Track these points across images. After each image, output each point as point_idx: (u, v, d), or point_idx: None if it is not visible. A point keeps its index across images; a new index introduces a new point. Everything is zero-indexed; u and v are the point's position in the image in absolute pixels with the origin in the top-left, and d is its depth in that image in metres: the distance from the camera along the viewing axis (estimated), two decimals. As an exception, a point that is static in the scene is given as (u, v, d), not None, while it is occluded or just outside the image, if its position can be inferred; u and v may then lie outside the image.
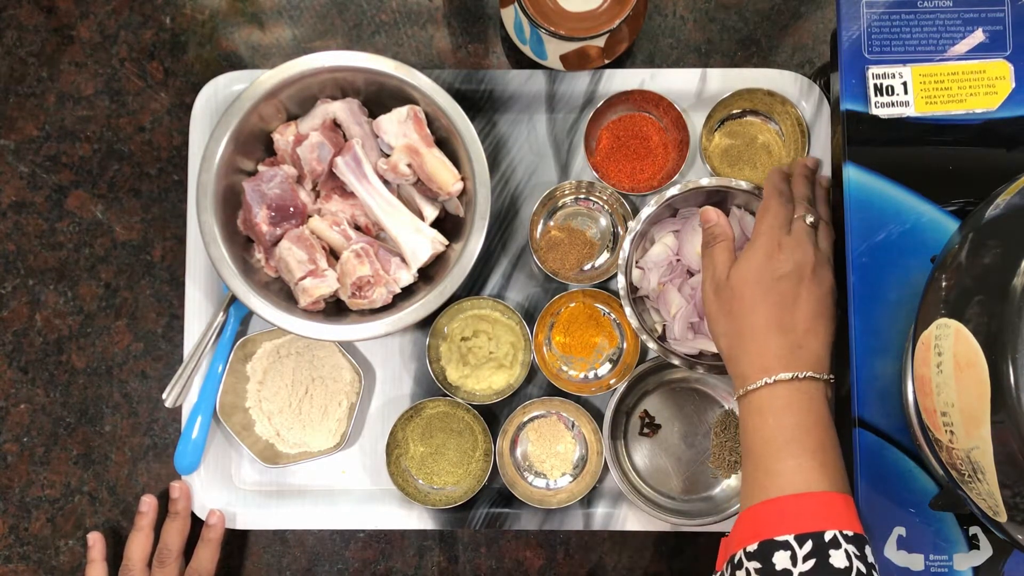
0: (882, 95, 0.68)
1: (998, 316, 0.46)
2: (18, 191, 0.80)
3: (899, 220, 0.66)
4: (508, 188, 0.79)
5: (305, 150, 0.72)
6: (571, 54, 0.75)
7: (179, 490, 0.76)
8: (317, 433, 0.77)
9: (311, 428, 0.77)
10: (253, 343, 0.76)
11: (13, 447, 0.78)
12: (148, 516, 0.75)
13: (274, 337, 0.77)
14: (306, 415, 0.77)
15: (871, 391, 0.66)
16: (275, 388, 0.77)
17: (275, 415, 0.77)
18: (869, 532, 0.65)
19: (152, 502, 0.75)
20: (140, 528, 0.74)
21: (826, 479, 0.56)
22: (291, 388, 0.77)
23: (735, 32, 0.81)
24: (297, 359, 0.77)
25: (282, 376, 0.77)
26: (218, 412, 0.75)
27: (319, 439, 0.77)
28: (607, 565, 0.78)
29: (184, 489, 0.76)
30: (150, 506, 0.75)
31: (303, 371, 0.77)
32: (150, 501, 0.75)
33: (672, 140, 0.78)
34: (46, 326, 0.79)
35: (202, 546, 0.75)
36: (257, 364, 0.77)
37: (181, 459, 0.75)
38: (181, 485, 0.76)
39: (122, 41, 0.81)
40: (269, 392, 0.77)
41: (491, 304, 0.76)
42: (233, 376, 0.76)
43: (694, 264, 0.75)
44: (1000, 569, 0.64)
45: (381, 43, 0.81)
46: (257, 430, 0.77)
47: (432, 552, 0.79)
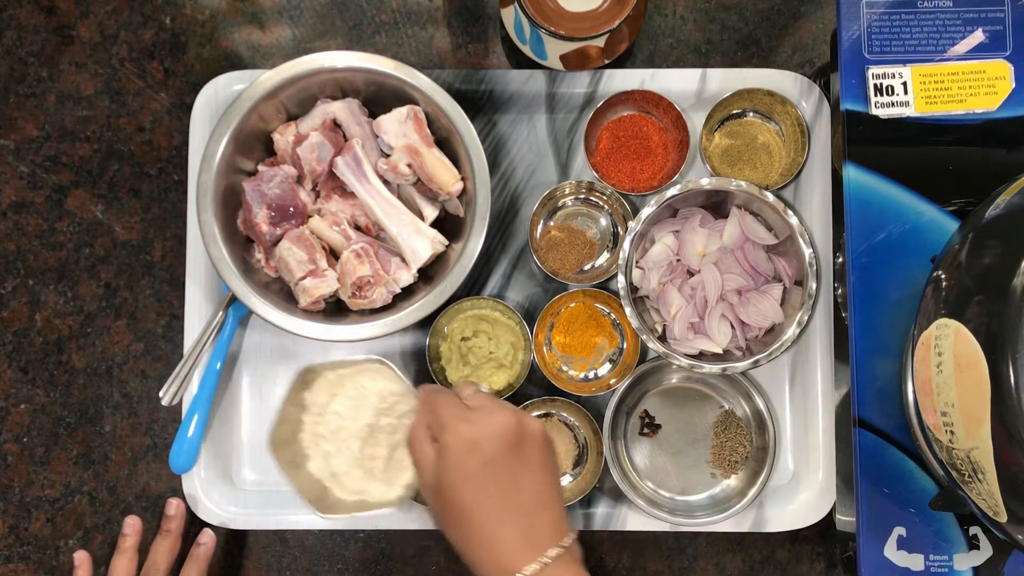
0: (882, 95, 0.68)
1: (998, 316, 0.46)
2: (18, 191, 0.80)
3: (899, 220, 0.66)
4: (508, 188, 0.79)
5: (305, 150, 0.72)
6: (571, 54, 0.75)
7: (176, 508, 0.75)
8: (378, 481, 0.67)
9: (372, 476, 0.67)
10: (313, 372, 0.68)
11: (13, 447, 0.78)
12: (132, 538, 0.74)
13: (339, 368, 0.68)
14: (368, 459, 0.67)
15: (871, 391, 0.66)
16: (336, 424, 0.67)
17: (333, 456, 0.67)
18: (869, 532, 0.65)
19: (136, 524, 0.75)
20: (123, 551, 0.74)
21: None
22: (354, 425, 0.67)
23: (735, 32, 0.81)
24: (363, 393, 0.68)
25: (345, 411, 0.68)
26: (270, 445, 0.66)
27: (380, 488, 0.67)
28: (607, 565, 0.78)
29: (181, 508, 0.75)
30: (133, 528, 0.75)
31: (369, 408, 0.67)
32: (134, 523, 0.75)
33: (672, 140, 0.78)
34: (46, 326, 0.79)
35: (191, 563, 0.74)
36: (318, 394, 0.68)
37: (176, 458, 0.75)
38: (179, 504, 0.75)
39: (122, 41, 0.81)
40: (328, 428, 0.68)
41: (491, 304, 0.76)
42: (292, 405, 0.68)
43: (694, 264, 0.75)
44: (1000, 569, 0.64)
45: (381, 43, 0.81)
46: (310, 467, 0.68)
47: (432, 552, 0.79)
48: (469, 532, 0.54)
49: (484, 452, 0.54)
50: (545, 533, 0.54)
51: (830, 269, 0.74)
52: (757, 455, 0.75)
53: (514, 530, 0.53)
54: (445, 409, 0.57)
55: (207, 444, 0.77)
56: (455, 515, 0.55)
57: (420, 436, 0.58)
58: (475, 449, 0.54)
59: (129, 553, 0.73)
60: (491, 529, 0.53)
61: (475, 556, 0.54)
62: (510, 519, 0.53)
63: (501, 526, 0.53)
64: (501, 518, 0.53)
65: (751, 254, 0.75)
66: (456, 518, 0.55)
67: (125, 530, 0.74)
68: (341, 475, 0.67)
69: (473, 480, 0.54)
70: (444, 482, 0.55)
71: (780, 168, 0.77)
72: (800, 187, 0.77)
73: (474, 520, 0.54)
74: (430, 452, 0.57)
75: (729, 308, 0.74)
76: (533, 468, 0.55)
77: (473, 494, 0.54)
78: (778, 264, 0.75)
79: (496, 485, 0.54)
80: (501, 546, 0.53)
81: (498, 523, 0.53)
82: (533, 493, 0.55)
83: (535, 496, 0.55)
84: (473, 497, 0.54)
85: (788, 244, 0.74)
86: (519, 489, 0.54)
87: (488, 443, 0.54)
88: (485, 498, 0.54)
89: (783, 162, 0.77)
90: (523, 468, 0.55)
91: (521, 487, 0.54)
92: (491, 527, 0.53)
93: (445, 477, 0.54)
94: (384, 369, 0.67)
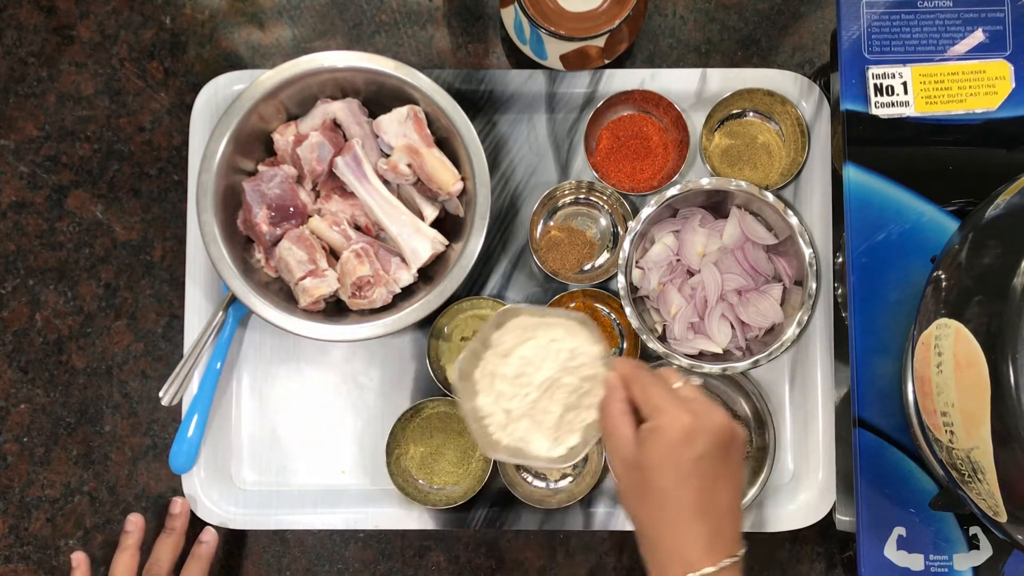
0: (882, 95, 0.68)
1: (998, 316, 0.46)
2: (18, 191, 0.80)
3: (899, 220, 0.66)
4: (508, 188, 0.79)
5: (305, 150, 0.72)
6: (571, 54, 0.75)
7: (180, 506, 0.75)
8: (543, 436, 0.65)
9: (539, 428, 0.65)
10: (510, 314, 0.66)
11: (13, 447, 0.78)
12: (134, 536, 0.74)
13: (538, 315, 0.66)
14: (540, 412, 0.65)
15: (871, 391, 0.66)
16: (519, 368, 0.65)
17: (507, 398, 0.66)
18: (869, 532, 0.65)
19: (139, 521, 0.75)
20: (126, 548, 0.74)
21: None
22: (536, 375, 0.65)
23: (735, 32, 0.81)
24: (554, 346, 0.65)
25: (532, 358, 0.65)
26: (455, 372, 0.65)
27: (543, 443, 0.65)
28: (607, 565, 0.78)
29: (185, 506, 0.75)
30: (136, 526, 0.75)
31: (556, 362, 0.65)
32: (137, 520, 0.75)
33: (672, 140, 0.78)
34: (46, 326, 0.79)
35: (192, 562, 0.74)
36: (507, 335, 0.66)
37: (176, 458, 0.75)
38: (183, 502, 0.76)
39: (122, 41, 0.81)
40: (511, 370, 0.65)
41: (491, 304, 0.76)
42: (480, 342, 0.66)
43: (694, 264, 0.75)
44: (1000, 569, 0.64)
45: (381, 43, 0.81)
46: (478, 402, 0.66)
47: (432, 552, 0.79)
48: (661, 517, 0.55)
49: (698, 447, 0.54)
50: (728, 539, 0.55)
51: (830, 269, 0.74)
52: (757, 455, 0.75)
53: (704, 529, 0.54)
54: (659, 390, 0.57)
55: (207, 444, 0.77)
56: (652, 496, 0.55)
57: (619, 409, 0.58)
58: (691, 441, 0.54)
59: (131, 550, 0.73)
60: (685, 522, 0.54)
61: (658, 540, 0.55)
62: (703, 517, 0.55)
63: (694, 521, 0.54)
64: (697, 514, 0.54)
65: (751, 254, 0.75)
66: (653, 499, 0.55)
67: (128, 527, 0.74)
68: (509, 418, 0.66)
69: (681, 470, 0.54)
70: (649, 462, 0.55)
71: (780, 168, 0.77)
72: (800, 187, 0.77)
73: (671, 507, 0.55)
74: (629, 427, 0.57)
75: (729, 308, 0.74)
76: (732, 474, 0.57)
77: (678, 483, 0.54)
78: (778, 264, 0.75)
79: (700, 481, 0.55)
80: (689, 540, 0.54)
81: (693, 517, 0.54)
82: (728, 498, 0.56)
83: (728, 501, 0.56)
84: (677, 486, 0.54)
85: (788, 244, 0.74)
86: (717, 491, 0.55)
87: (704, 439, 0.55)
88: (688, 491, 0.54)
89: (783, 162, 0.77)
90: (725, 472, 0.56)
91: (719, 489, 0.55)
92: (685, 519, 0.54)
93: (651, 458, 0.55)
94: (582, 329, 0.65)
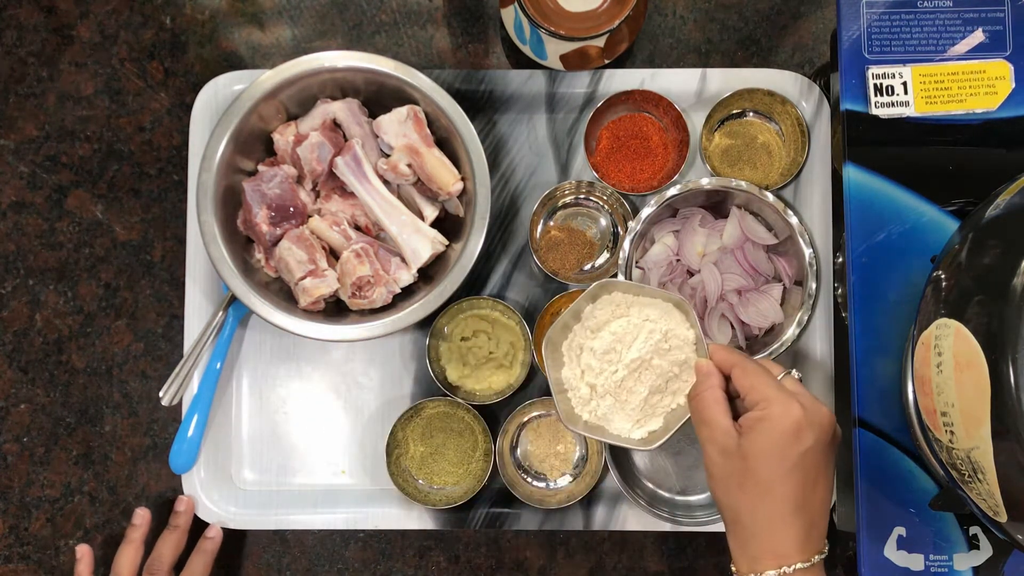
0: (882, 95, 0.68)
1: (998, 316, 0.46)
2: (18, 191, 0.80)
3: (899, 220, 0.66)
4: (508, 188, 0.79)
5: (305, 150, 0.72)
6: (571, 54, 0.75)
7: (185, 504, 0.75)
8: (624, 416, 0.64)
9: (622, 408, 0.64)
10: (605, 288, 0.65)
11: (13, 447, 0.78)
12: (140, 529, 0.74)
13: (634, 292, 0.65)
14: (625, 391, 0.64)
15: (871, 391, 0.66)
16: (608, 344, 0.64)
17: (594, 373, 0.64)
18: (869, 532, 0.65)
19: (146, 515, 0.75)
20: (131, 540, 0.74)
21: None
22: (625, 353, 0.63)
23: (735, 32, 0.81)
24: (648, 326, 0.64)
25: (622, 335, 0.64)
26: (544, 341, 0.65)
27: (623, 424, 0.64)
28: (607, 565, 0.78)
29: (190, 504, 0.76)
30: (143, 519, 0.75)
31: (648, 343, 0.63)
32: (144, 514, 0.75)
33: (672, 140, 0.78)
34: (46, 326, 0.79)
35: (197, 556, 0.75)
36: (600, 309, 0.65)
37: (176, 458, 0.75)
38: (188, 500, 0.76)
39: (122, 41, 0.81)
40: (601, 346, 0.64)
41: (491, 304, 0.76)
42: (571, 314, 0.65)
43: (694, 264, 0.75)
44: (1000, 569, 0.64)
45: (381, 43, 0.81)
46: (564, 373, 0.66)
47: (432, 552, 0.79)
48: (762, 507, 0.55)
49: (806, 440, 0.54)
50: (818, 537, 0.55)
51: (830, 269, 0.74)
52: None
53: (801, 523, 0.54)
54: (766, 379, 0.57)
55: (207, 444, 0.77)
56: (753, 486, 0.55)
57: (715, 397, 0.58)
58: (800, 434, 0.54)
59: (136, 544, 0.74)
60: (785, 515, 0.54)
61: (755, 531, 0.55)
62: (802, 512, 0.55)
63: (794, 515, 0.54)
64: (797, 508, 0.54)
65: (751, 254, 0.75)
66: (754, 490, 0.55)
67: (135, 520, 0.75)
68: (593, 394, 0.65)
69: (788, 462, 0.54)
70: (754, 452, 0.55)
71: (780, 168, 0.77)
72: (800, 187, 0.77)
73: (772, 499, 0.54)
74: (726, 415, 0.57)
75: (729, 308, 0.74)
76: (830, 472, 0.56)
77: (784, 475, 0.54)
78: (778, 264, 0.75)
79: (804, 475, 0.54)
80: (786, 534, 0.54)
81: (794, 511, 0.54)
82: (824, 496, 0.56)
83: (824, 499, 0.56)
84: (782, 479, 0.54)
85: (788, 244, 0.74)
86: (816, 487, 0.55)
87: (812, 434, 0.55)
88: (791, 484, 0.54)
89: (783, 162, 0.77)
90: (825, 469, 0.56)
91: (818, 487, 0.55)
92: (785, 513, 0.54)
93: (756, 447, 0.55)
94: (676, 312, 0.64)
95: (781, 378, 0.58)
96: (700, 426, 0.58)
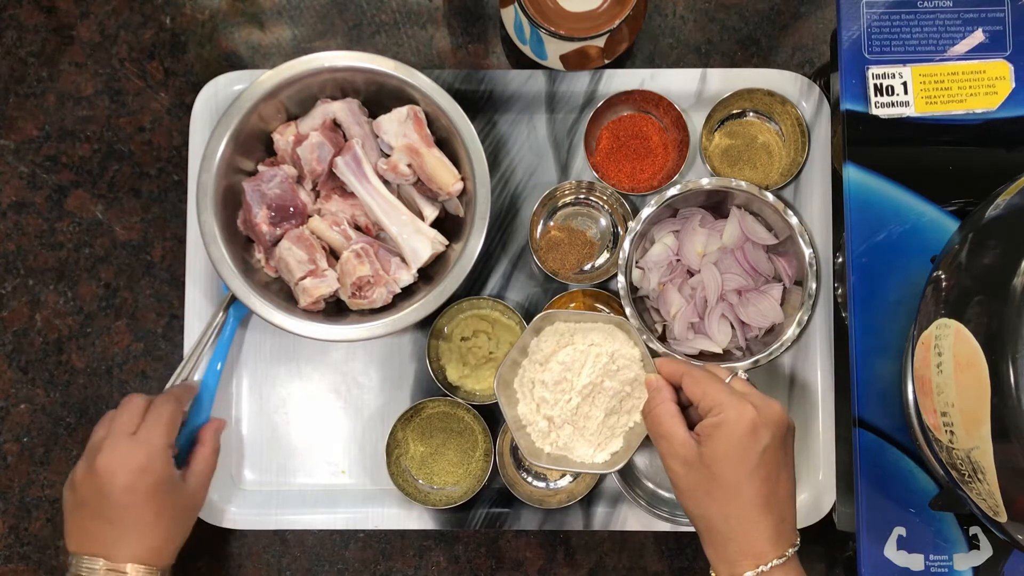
0: (882, 95, 0.68)
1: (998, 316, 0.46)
2: (18, 191, 0.80)
3: (899, 220, 0.66)
4: (508, 188, 0.79)
5: (305, 150, 0.72)
6: (571, 54, 0.75)
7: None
8: (586, 442, 0.66)
9: (582, 435, 0.66)
10: (546, 320, 0.66)
11: (13, 447, 0.78)
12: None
13: (575, 320, 0.67)
14: (582, 417, 0.66)
15: (871, 391, 0.66)
16: (558, 375, 0.65)
17: (549, 405, 0.66)
18: (869, 532, 0.65)
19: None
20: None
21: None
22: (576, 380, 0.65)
23: (735, 32, 0.81)
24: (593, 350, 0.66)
25: (571, 364, 0.66)
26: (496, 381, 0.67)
27: (585, 449, 0.66)
28: (607, 565, 0.78)
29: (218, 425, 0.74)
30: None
31: (596, 367, 0.65)
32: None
33: (672, 140, 0.78)
34: (46, 326, 0.79)
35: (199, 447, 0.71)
36: (544, 342, 0.67)
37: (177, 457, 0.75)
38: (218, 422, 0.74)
39: (122, 41, 0.81)
40: (551, 377, 0.66)
41: (491, 304, 0.76)
42: (518, 350, 0.66)
43: (694, 264, 0.75)
44: (1000, 569, 0.64)
45: (381, 43, 0.81)
46: (520, 410, 0.67)
47: (432, 552, 0.79)
48: (731, 510, 0.55)
49: (763, 439, 0.55)
50: (788, 530, 0.56)
51: (830, 269, 0.74)
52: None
53: (771, 520, 0.55)
54: (716, 385, 0.58)
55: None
56: (720, 491, 0.56)
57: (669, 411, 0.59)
58: (757, 434, 0.55)
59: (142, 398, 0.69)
60: (754, 514, 0.55)
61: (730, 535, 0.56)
62: (770, 509, 0.55)
63: (764, 514, 0.55)
64: (765, 506, 0.55)
65: (751, 254, 0.75)
66: (722, 494, 0.56)
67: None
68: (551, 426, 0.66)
69: (749, 462, 0.55)
70: (715, 457, 0.55)
71: (780, 168, 0.77)
72: (800, 187, 0.77)
73: (741, 501, 0.55)
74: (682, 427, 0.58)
75: (729, 308, 0.74)
76: (789, 464, 0.58)
77: (748, 476, 0.55)
78: (778, 264, 0.75)
79: (767, 473, 0.55)
80: (759, 532, 0.55)
81: (762, 510, 0.55)
82: (788, 489, 0.57)
83: (788, 493, 0.57)
84: (747, 479, 0.55)
85: (788, 244, 0.74)
86: (779, 482, 0.56)
87: (768, 431, 0.56)
88: (756, 483, 0.55)
89: (783, 162, 0.77)
90: (785, 462, 0.57)
91: (780, 481, 0.56)
92: (755, 512, 0.55)
93: (717, 453, 0.55)
94: (618, 332, 0.66)
95: (729, 381, 0.59)
96: (659, 440, 0.59)
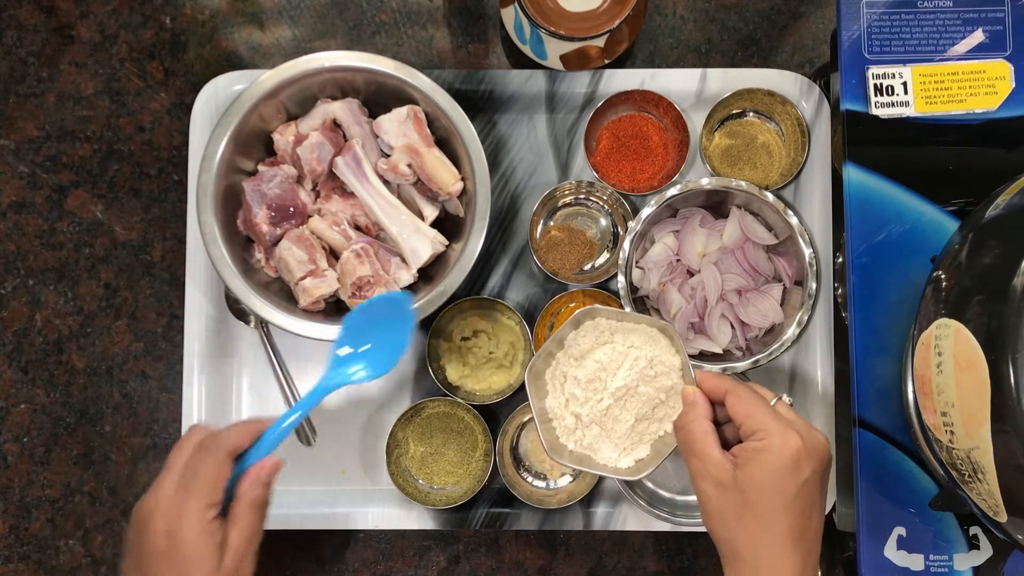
0: (882, 95, 0.68)
1: (998, 316, 0.46)
2: (18, 191, 0.80)
3: (899, 220, 0.66)
4: (508, 188, 0.79)
5: (305, 150, 0.72)
6: (571, 54, 0.75)
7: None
8: (611, 445, 0.64)
9: (608, 437, 0.63)
10: (587, 315, 0.64)
11: (13, 447, 0.78)
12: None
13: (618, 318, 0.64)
14: (611, 419, 0.63)
15: (871, 391, 0.66)
16: (593, 373, 0.63)
17: (579, 403, 0.63)
18: (869, 532, 0.65)
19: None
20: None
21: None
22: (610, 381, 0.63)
23: (735, 32, 0.81)
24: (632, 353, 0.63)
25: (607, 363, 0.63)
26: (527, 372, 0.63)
27: (610, 453, 0.64)
28: (607, 565, 0.78)
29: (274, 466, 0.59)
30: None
31: (633, 370, 0.62)
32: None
33: (672, 140, 0.78)
34: (46, 326, 0.79)
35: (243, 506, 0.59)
36: (582, 337, 0.64)
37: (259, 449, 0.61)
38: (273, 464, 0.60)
39: (122, 41, 0.81)
40: (585, 374, 0.63)
41: (491, 304, 0.76)
42: (554, 342, 0.64)
43: (694, 264, 0.75)
44: (1000, 569, 0.64)
45: (381, 43, 0.81)
46: (548, 402, 0.64)
47: (432, 552, 0.79)
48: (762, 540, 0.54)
49: (805, 472, 0.53)
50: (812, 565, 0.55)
51: (830, 269, 0.74)
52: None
53: (800, 555, 0.54)
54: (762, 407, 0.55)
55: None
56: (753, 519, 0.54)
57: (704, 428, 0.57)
58: (799, 466, 0.53)
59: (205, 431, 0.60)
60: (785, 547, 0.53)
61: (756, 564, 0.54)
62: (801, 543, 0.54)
63: (795, 548, 0.53)
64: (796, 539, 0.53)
65: (751, 254, 0.75)
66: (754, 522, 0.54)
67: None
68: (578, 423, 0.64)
69: (787, 494, 0.53)
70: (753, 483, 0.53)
71: (780, 168, 0.77)
72: (800, 187, 0.77)
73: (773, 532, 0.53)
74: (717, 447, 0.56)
75: (729, 308, 0.74)
76: (823, 499, 0.56)
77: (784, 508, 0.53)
78: (778, 264, 0.75)
79: (802, 506, 0.54)
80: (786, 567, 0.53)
81: (794, 543, 0.53)
82: (819, 525, 0.55)
83: (818, 528, 0.55)
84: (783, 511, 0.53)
85: (788, 244, 0.74)
86: (812, 517, 0.54)
87: (810, 464, 0.54)
88: (791, 516, 0.53)
89: (783, 162, 0.77)
90: (820, 497, 0.55)
91: (813, 516, 0.55)
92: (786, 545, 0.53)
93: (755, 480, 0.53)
94: (661, 337, 0.63)
95: (774, 404, 0.57)
96: (690, 457, 0.57)
